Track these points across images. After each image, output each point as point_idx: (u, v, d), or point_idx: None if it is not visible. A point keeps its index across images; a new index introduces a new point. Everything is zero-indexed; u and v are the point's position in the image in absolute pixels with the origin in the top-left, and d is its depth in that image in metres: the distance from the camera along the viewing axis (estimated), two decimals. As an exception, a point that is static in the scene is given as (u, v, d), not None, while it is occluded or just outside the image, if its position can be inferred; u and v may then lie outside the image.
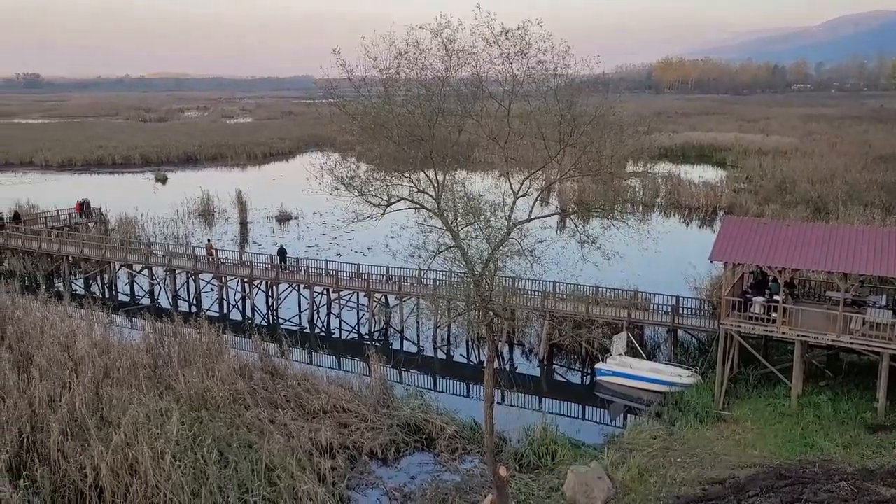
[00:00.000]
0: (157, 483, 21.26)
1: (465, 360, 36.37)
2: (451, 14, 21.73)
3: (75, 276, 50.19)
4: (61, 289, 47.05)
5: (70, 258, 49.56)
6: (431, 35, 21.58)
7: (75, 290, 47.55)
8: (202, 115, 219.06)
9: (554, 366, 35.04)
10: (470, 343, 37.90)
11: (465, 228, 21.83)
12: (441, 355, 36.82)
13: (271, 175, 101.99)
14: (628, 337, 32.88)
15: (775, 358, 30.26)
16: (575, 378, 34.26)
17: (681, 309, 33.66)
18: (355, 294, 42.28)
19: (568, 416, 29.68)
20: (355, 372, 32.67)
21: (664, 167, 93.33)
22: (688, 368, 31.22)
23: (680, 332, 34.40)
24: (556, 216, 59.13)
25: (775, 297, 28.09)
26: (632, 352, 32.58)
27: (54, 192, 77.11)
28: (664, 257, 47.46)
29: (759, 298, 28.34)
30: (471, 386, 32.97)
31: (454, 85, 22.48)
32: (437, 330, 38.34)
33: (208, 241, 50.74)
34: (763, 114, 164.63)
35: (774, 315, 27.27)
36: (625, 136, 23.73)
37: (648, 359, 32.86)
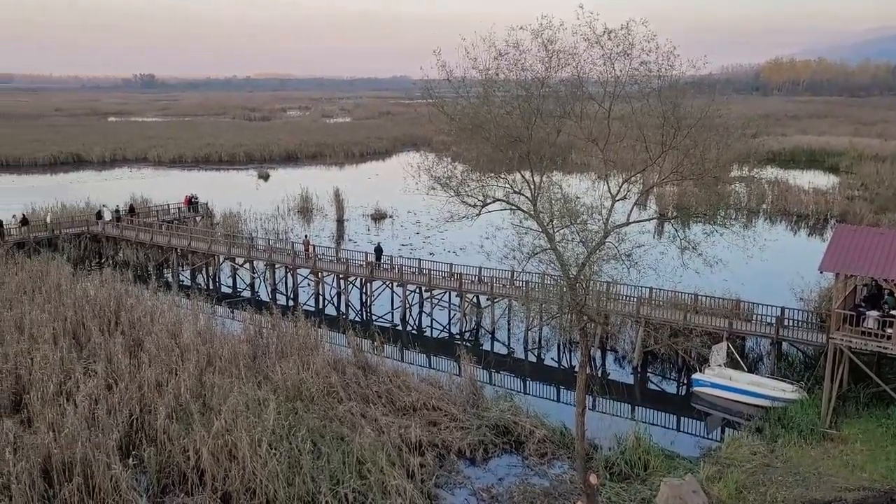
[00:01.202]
0: (253, 469, 22.00)
1: (556, 364, 35.95)
2: (552, 15, 21.54)
3: (183, 267, 52.62)
4: (170, 279, 49.47)
5: (178, 250, 52.02)
6: (532, 36, 21.49)
7: (182, 281, 49.87)
8: (303, 115, 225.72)
9: (648, 374, 34.16)
10: (561, 347, 37.45)
11: (561, 231, 21.60)
12: (532, 358, 36.53)
13: (368, 174, 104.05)
14: (728, 347, 31.67)
15: (889, 376, 28.46)
16: (670, 388, 33.28)
17: (786, 321, 32.13)
18: (447, 293, 42.53)
19: (662, 427, 28.85)
20: (445, 371, 32.86)
21: (771, 172, 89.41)
22: (792, 383, 29.75)
23: (784, 344, 32.85)
24: (654, 220, 57.58)
25: (892, 312, 26.42)
26: (732, 363, 31.36)
27: (165, 187, 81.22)
28: (770, 266, 45.46)
29: (874, 312, 26.70)
30: (561, 390, 32.56)
31: (553, 86, 22.30)
32: (529, 332, 38.09)
33: (306, 237, 52.24)
34: (881, 117, 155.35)
35: (890, 331, 25.61)
36: (731, 139, 22.87)
37: (749, 371, 31.55)
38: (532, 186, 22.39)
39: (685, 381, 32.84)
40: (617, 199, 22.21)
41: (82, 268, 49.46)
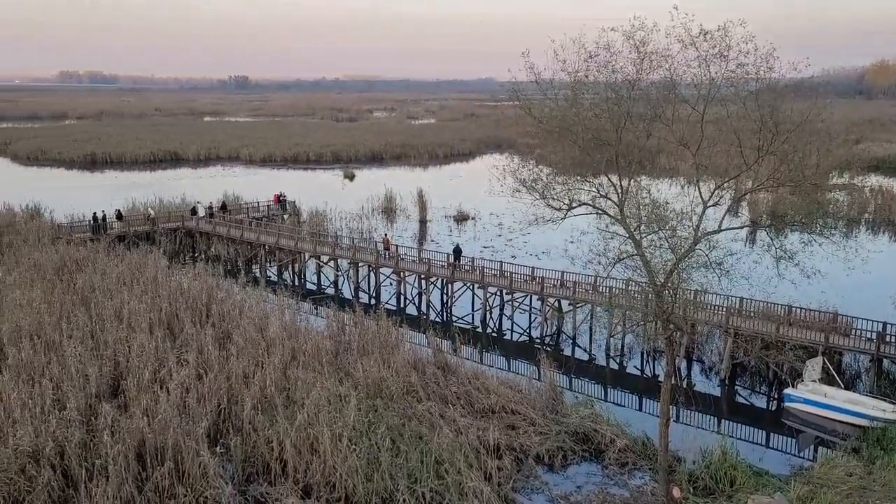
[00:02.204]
0: (334, 463, 22.40)
1: (638, 373, 35.14)
2: (644, 16, 21.08)
3: (270, 263, 54.18)
4: (257, 275, 51.01)
5: (266, 247, 53.59)
6: (623, 37, 21.07)
7: (269, 277, 51.33)
8: (389, 116, 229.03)
9: (736, 386, 32.95)
10: (645, 355, 36.59)
11: (649, 237, 21.09)
12: (613, 365, 35.84)
13: (451, 175, 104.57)
14: (824, 362, 30.21)
15: None
16: (759, 402, 32.00)
17: (888, 336, 30.41)
18: (528, 297, 42.23)
19: (750, 442, 27.76)
20: (525, 375, 32.61)
21: (875, 179, 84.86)
22: (893, 402, 28.13)
23: (886, 362, 31.10)
24: (747, 228, 55.57)
25: None
26: (827, 379, 29.91)
27: (256, 186, 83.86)
28: (872, 278, 43.16)
29: None
30: (644, 399, 31.79)
31: (644, 88, 21.81)
32: (611, 339, 37.38)
33: (385, 234, 52.94)
34: None
35: None
36: (832, 144, 21.82)
37: (846, 388, 29.99)
38: (619, 191, 21.96)
39: (776, 396, 31.52)
40: (708, 205, 21.53)
41: (177, 261, 51.63)
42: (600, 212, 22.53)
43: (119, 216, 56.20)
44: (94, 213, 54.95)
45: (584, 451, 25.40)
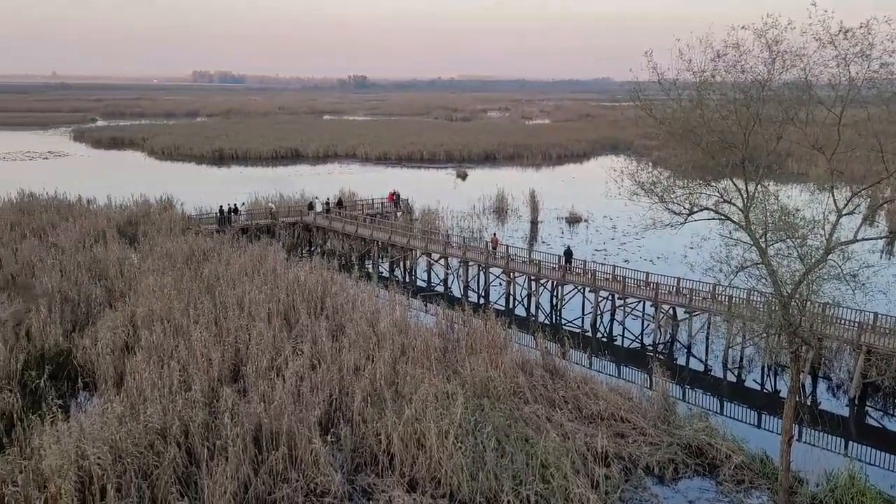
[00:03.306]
0: (439, 459, 22.58)
1: (758, 387, 33.45)
2: (778, 13, 20.05)
3: (382, 259, 55.32)
4: (370, 270, 52.19)
5: (379, 243, 54.75)
6: (754, 36, 20.11)
7: (381, 273, 52.41)
8: (503, 116, 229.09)
9: (867, 407, 30.80)
10: (766, 369, 34.79)
11: (776, 245, 20.03)
12: (731, 378, 34.29)
13: (564, 176, 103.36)
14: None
15: None
16: (893, 425, 29.77)
17: None
18: (642, 303, 41.10)
19: (882, 468, 25.85)
20: (636, 382, 31.78)
21: None
22: None
23: None
24: (884, 239, 51.88)
25: None
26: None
27: (371, 183, 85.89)
28: None
29: None
30: (763, 415, 30.24)
31: (776, 89, 20.72)
32: (729, 350, 35.78)
33: (494, 234, 52.94)
34: None
35: None
36: None
37: None
38: (744, 196, 20.98)
39: (911, 421, 29.26)
40: (843, 213, 20.19)
41: (295, 254, 53.60)
42: (723, 217, 21.59)
43: (235, 210, 58.82)
44: (221, 206, 57.88)
45: (698, 465, 24.42)
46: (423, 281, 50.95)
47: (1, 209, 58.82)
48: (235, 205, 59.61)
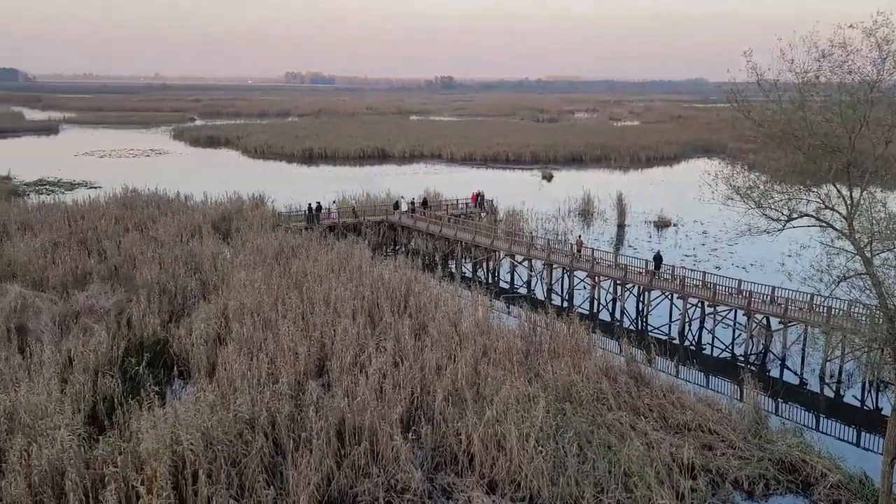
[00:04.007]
0: (520, 462, 22.44)
1: (857, 403, 31.73)
2: (890, 11, 18.99)
3: (466, 259, 55.44)
4: (453, 270, 52.39)
5: (463, 243, 54.90)
6: (863, 35, 19.09)
7: (464, 273, 52.53)
8: (591, 117, 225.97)
9: (979, 431, 28.76)
10: (867, 384, 32.98)
11: (883, 255, 18.95)
12: (828, 392, 32.68)
13: (653, 179, 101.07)
14: None
15: None
16: None
17: None
18: (733, 311, 39.67)
19: None
20: (725, 394, 30.73)
21: None
22: None
23: None
24: None
25: None
26: None
27: (455, 183, 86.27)
28: None
29: None
30: (863, 433, 28.69)
31: (886, 90, 19.64)
32: (827, 364, 34.09)
33: (578, 236, 52.23)
34: None
35: None
36: None
37: None
38: (848, 202, 19.95)
39: None
40: (960, 223, 18.92)
41: (379, 252, 54.39)
42: (824, 225, 20.60)
43: (319, 208, 59.98)
44: (309, 204, 59.32)
45: (790, 482, 23.38)
46: (506, 282, 50.78)
47: (106, 204, 62.05)
48: (319, 203, 60.93)
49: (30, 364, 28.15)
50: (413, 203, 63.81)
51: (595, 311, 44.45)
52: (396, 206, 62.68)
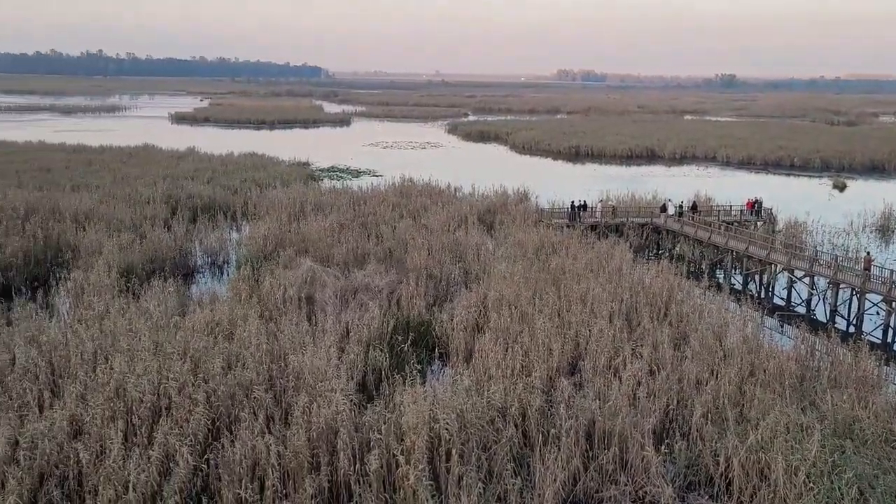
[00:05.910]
0: (785, 497, 20.40)
1: None
2: None
3: (736, 270, 51.70)
4: (721, 281, 49.12)
5: (734, 253, 51.21)
6: None
7: (733, 285, 48.98)
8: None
9: None
10: None
11: None
12: None
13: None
14: None
15: None
16: None
17: None
18: None
19: None
20: None
21: None
22: None
23: None
24: None
25: None
26: None
27: (730, 188, 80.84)
28: None
29: None
30: None
31: None
32: None
33: (867, 253, 46.06)
34: None
35: None
36: None
37: None
38: None
39: None
40: None
41: (641, 255, 52.72)
42: None
43: (584, 206, 59.39)
44: (572, 202, 59.23)
45: None
46: (781, 299, 46.46)
47: (385, 192, 67.38)
48: (584, 201, 60.53)
49: (315, 331, 31.38)
50: (681, 206, 60.93)
51: (889, 340, 38.99)
52: (664, 208, 60.28)
